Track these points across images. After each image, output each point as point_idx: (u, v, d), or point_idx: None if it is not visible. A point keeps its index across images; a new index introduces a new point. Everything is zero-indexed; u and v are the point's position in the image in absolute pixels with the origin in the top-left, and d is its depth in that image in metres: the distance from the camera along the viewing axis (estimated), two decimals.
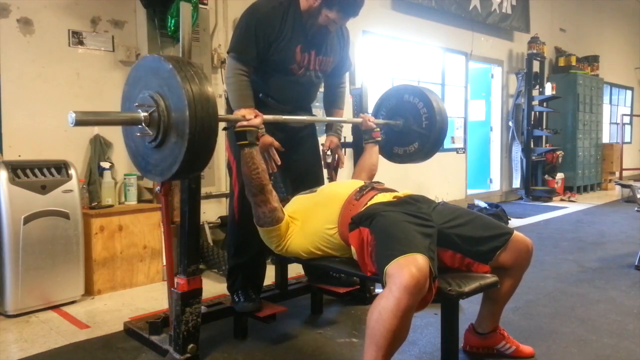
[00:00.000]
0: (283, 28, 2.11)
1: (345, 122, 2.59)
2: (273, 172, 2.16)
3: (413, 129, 2.59)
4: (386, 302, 1.49)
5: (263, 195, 1.91)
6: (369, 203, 1.87)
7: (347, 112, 2.63)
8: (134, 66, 1.83)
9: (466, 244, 1.84)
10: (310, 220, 1.96)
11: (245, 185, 1.94)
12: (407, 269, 1.49)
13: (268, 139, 2.12)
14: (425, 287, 1.51)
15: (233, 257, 2.35)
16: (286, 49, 2.14)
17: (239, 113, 1.90)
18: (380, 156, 2.55)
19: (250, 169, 1.88)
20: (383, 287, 1.57)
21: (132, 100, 1.75)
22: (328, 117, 2.54)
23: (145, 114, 1.64)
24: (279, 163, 2.15)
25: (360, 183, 2.05)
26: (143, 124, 1.65)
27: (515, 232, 1.91)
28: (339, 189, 2.03)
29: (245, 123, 1.86)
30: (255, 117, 1.89)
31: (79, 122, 1.51)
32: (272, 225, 1.94)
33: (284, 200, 2.18)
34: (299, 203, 2.07)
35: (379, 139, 2.49)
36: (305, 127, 2.48)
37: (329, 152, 2.52)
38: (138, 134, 1.71)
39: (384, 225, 1.70)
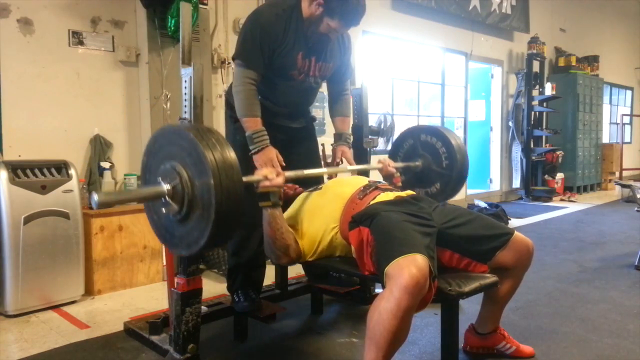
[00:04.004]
0: (286, 35, 2.11)
1: (365, 169, 2.50)
2: None
3: (433, 169, 2.50)
4: (386, 303, 1.49)
5: (287, 257, 1.88)
6: (371, 202, 1.86)
7: None
8: (152, 136, 1.75)
9: (466, 243, 1.84)
10: (315, 219, 1.94)
11: (266, 243, 1.88)
12: (407, 270, 1.49)
13: (272, 152, 2.12)
14: (425, 287, 1.51)
15: (232, 257, 2.36)
16: (288, 56, 2.14)
17: (260, 172, 1.80)
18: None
19: (274, 230, 1.82)
20: (383, 287, 1.57)
21: (153, 171, 1.68)
22: (351, 166, 2.37)
23: (168, 186, 1.57)
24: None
25: (364, 181, 2.03)
26: (167, 197, 1.57)
27: (516, 233, 1.91)
28: (343, 187, 2.01)
29: (268, 184, 1.77)
30: (278, 175, 1.81)
31: (101, 205, 1.46)
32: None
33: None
34: (303, 203, 2.04)
35: (400, 185, 2.38)
36: (304, 128, 2.48)
37: (339, 161, 2.44)
38: (163, 210, 1.62)
39: (384, 226, 1.69)
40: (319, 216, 1.94)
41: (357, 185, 1.98)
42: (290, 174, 1.93)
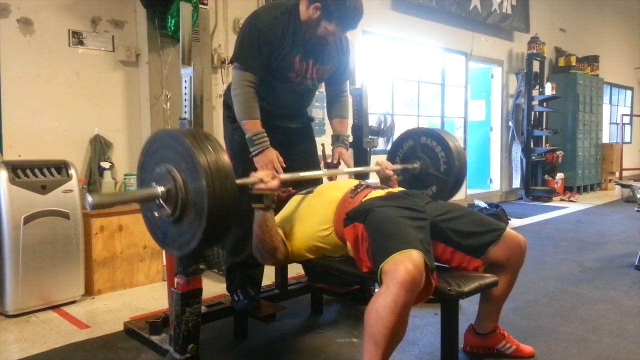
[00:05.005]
0: (284, 38, 2.12)
1: (363, 171, 2.52)
2: None
3: (430, 172, 2.53)
4: (384, 299, 1.50)
5: (274, 258, 1.91)
6: (364, 200, 1.88)
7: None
8: (151, 137, 1.77)
9: (458, 237, 1.86)
10: (306, 222, 1.95)
11: (255, 245, 1.89)
12: (402, 265, 1.50)
13: (272, 154, 2.13)
14: (421, 282, 1.52)
15: (230, 257, 2.36)
16: (286, 58, 2.15)
17: (256, 175, 1.79)
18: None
19: (264, 232, 1.83)
20: (379, 284, 1.57)
21: (149, 170, 1.70)
22: (348, 169, 2.39)
23: (163, 189, 1.58)
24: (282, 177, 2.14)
25: (355, 182, 2.05)
26: (160, 200, 1.59)
27: (508, 229, 1.93)
28: (334, 190, 2.02)
29: (262, 186, 1.76)
30: (273, 178, 1.80)
31: (95, 206, 1.47)
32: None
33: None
34: (295, 206, 2.05)
35: (396, 187, 2.33)
36: (302, 129, 2.48)
37: (337, 162, 2.45)
38: (156, 214, 1.64)
39: (378, 221, 1.71)
40: (310, 219, 1.95)
41: (348, 186, 2.00)
42: (286, 176, 1.94)
